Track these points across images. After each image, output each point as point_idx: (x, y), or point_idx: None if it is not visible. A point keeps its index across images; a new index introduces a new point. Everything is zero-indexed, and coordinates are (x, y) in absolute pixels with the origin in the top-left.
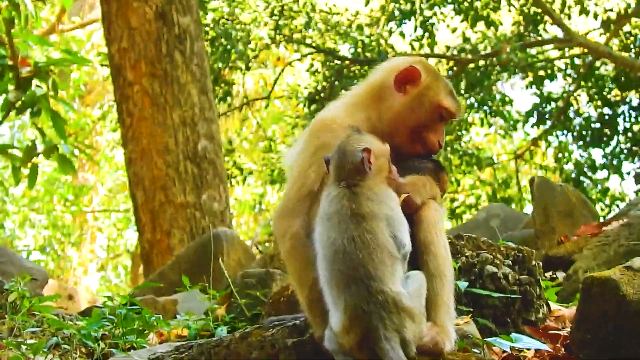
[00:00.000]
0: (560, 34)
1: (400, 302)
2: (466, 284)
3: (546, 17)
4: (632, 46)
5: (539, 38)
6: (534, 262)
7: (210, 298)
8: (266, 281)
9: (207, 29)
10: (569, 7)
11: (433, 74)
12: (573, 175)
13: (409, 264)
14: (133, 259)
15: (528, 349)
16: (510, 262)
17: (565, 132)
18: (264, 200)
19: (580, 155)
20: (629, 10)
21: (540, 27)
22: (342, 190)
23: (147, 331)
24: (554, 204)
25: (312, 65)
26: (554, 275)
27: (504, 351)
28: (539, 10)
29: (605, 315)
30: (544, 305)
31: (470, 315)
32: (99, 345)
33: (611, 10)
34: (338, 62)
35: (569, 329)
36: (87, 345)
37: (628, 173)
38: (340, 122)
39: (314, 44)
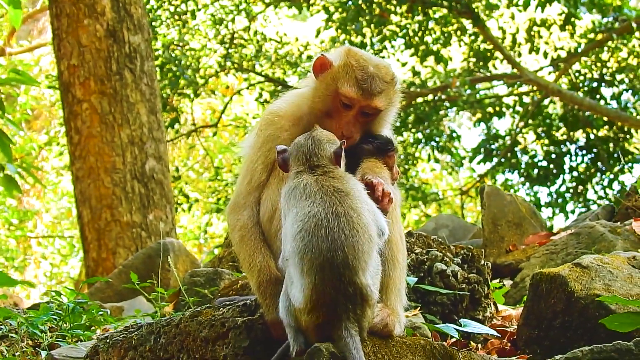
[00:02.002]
0: (509, 72)
1: (366, 294)
2: (415, 279)
3: (496, 54)
4: (581, 85)
5: (489, 74)
6: (482, 262)
7: (159, 296)
8: (215, 280)
9: (156, 54)
10: (519, 45)
11: (346, 63)
12: None
13: None
14: (76, 286)
15: (476, 343)
16: (459, 261)
17: (511, 169)
18: (209, 231)
19: (526, 194)
20: (579, 50)
21: (490, 63)
22: (317, 176)
23: (94, 327)
24: (504, 213)
25: (261, 95)
26: (502, 283)
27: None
28: (489, 47)
29: (553, 312)
30: (492, 304)
31: (418, 308)
32: (45, 335)
33: (561, 49)
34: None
35: (516, 327)
36: (34, 337)
37: (572, 212)
38: (282, 114)
39: (263, 73)
